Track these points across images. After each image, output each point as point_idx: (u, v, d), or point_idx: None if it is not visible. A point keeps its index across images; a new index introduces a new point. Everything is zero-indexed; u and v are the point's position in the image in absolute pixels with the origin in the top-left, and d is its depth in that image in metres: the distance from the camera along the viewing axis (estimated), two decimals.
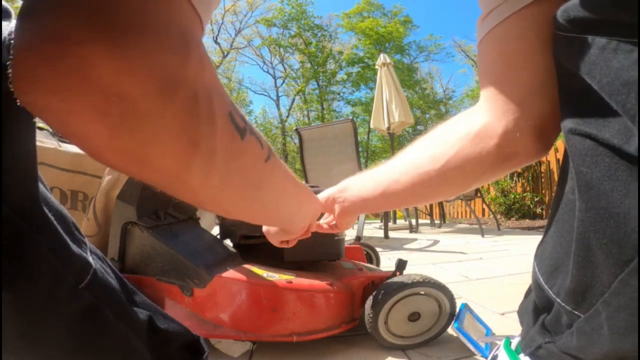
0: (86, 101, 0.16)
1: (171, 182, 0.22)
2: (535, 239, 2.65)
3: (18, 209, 0.27)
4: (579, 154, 0.30)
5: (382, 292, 0.82)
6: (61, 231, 0.31)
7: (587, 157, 0.29)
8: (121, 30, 0.16)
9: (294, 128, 3.60)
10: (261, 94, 20.65)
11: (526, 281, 0.41)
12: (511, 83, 0.40)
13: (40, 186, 0.31)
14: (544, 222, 3.89)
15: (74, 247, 0.32)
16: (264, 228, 0.62)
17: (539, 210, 4.38)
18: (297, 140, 3.18)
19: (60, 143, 1.19)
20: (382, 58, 4.31)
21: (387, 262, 1.79)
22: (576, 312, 0.31)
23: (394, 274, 0.88)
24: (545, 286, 0.36)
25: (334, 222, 0.66)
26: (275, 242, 0.61)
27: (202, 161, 0.21)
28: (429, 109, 20.12)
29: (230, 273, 0.81)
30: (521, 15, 0.37)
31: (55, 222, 0.31)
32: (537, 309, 0.38)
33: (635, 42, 0.24)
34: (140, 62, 0.17)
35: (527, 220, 4.32)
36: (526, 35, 0.37)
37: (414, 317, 0.85)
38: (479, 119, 0.43)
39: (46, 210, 0.30)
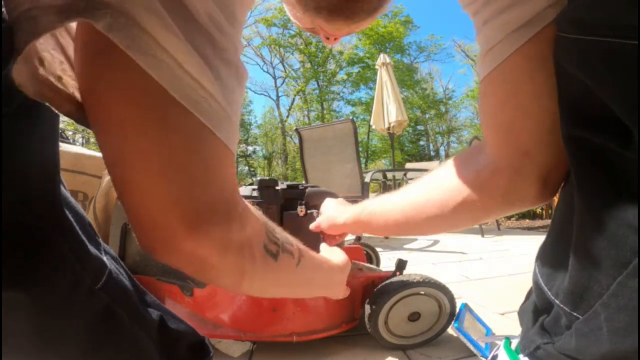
0: (181, 260, 0.29)
1: (231, 289, 0.36)
2: (535, 239, 2.65)
3: (42, 211, 0.28)
4: (577, 157, 0.30)
5: (382, 292, 0.82)
6: (80, 232, 0.32)
7: (586, 160, 0.29)
8: (195, 223, 0.27)
9: (294, 128, 3.61)
10: (261, 94, 20.72)
11: (526, 281, 0.41)
12: (518, 131, 0.38)
13: (61, 187, 0.31)
14: (544, 222, 3.89)
15: (91, 248, 0.33)
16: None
17: (539, 210, 4.38)
18: (297, 140, 3.18)
19: (60, 143, 1.19)
20: (382, 58, 4.31)
21: (387, 262, 1.79)
22: (574, 314, 0.31)
23: (394, 274, 0.88)
24: (545, 287, 0.36)
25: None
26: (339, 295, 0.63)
27: (248, 281, 0.32)
28: (429, 109, 20.12)
29: None
30: (526, 57, 0.35)
31: (74, 223, 0.31)
32: (537, 310, 0.39)
33: (636, 45, 0.24)
34: (203, 238, 0.27)
35: (527, 220, 4.32)
36: (533, 76, 0.35)
37: (414, 317, 0.85)
38: (485, 167, 0.43)
39: (66, 212, 0.31)
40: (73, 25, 0.28)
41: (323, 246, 0.64)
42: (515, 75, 0.36)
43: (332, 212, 0.67)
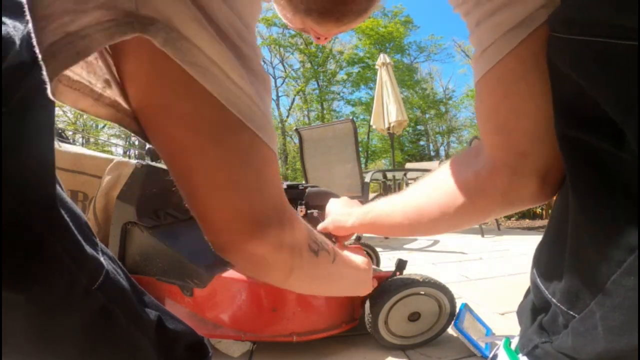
0: (244, 259, 0.33)
1: (278, 283, 0.39)
2: (535, 239, 2.64)
3: (38, 211, 0.28)
4: (571, 157, 0.30)
5: (382, 292, 0.82)
6: (75, 232, 0.32)
7: (579, 160, 0.29)
8: (255, 228, 0.31)
9: (294, 128, 3.61)
10: None
11: (526, 281, 0.41)
12: (514, 131, 0.38)
13: (57, 187, 0.31)
14: (544, 222, 3.89)
15: (88, 248, 0.33)
16: None
17: (539, 210, 4.38)
18: (297, 140, 3.18)
19: (60, 143, 1.19)
20: (382, 58, 4.31)
21: (387, 262, 1.79)
22: (571, 312, 0.32)
23: (394, 274, 0.88)
24: (542, 286, 0.36)
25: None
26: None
27: (295, 275, 0.37)
28: (429, 109, 20.11)
29: (230, 273, 0.81)
30: (520, 59, 0.35)
31: (70, 223, 0.31)
32: (535, 309, 0.39)
33: (629, 45, 0.24)
34: (262, 240, 0.31)
35: (527, 220, 4.31)
36: (528, 77, 0.35)
37: (414, 317, 0.85)
38: (483, 168, 0.43)
39: (62, 212, 0.30)
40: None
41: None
42: (509, 76, 0.36)
43: (338, 216, 0.68)
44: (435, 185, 0.50)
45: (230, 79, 0.27)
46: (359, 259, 0.58)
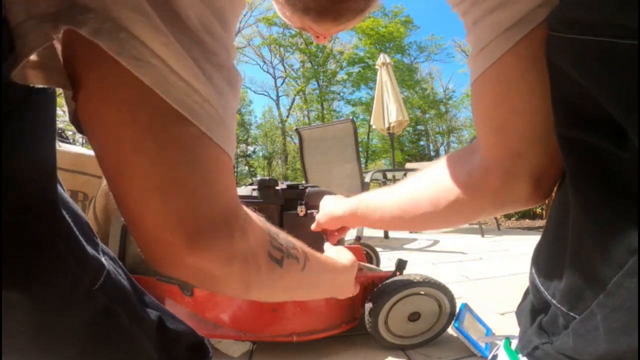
0: (186, 274, 0.29)
1: (238, 296, 0.34)
2: (535, 239, 2.63)
3: (40, 211, 0.28)
4: (572, 157, 0.30)
5: (382, 292, 0.82)
6: (77, 233, 0.32)
7: (580, 159, 0.29)
8: (198, 237, 0.27)
9: (294, 128, 3.61)
10: (261, 93, 20.68)
11: (526, 281, 0.41)
12: (511, 132, 0.38)
13: (58, 187, 0.31)
14: (544, 222, 3.89)
15: (89, 249, 0.33)
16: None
17: (539, 210, 4.38)
18: (297, 140, 3.18)
19: (60, 143, 1.20)
20: (383, 58, 4.31)
21: (387, 262, 1.79)
22: (571, 314, 0.32)
23: (394, 274, 0.88)
24: (542, 287, 0.36)
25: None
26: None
27: (255, 289, 0.33)
28: (429, 109, 20.11)
29: None
30: (520, 57, 0.34)
31: (72, 224, 0.31)
32: (535, 309, 0.39)
33: (631, 44, 0.24)
34: (207, 251, 0.27)
35: (527, 220, 4.31)
36: (527, 77, 0.35)
37: (414, 317, 0.85)
38: (477, 167, 0.42)
39: (64, 212, 0.30)
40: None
41: (327, 246, 0.64)
42: (508, 75, 0.36)
43: (330, 207, 0.68)
44: (430, 180, 0.50)
45: (175, 74, 0.25)
46: (343, 257, 0.54)
